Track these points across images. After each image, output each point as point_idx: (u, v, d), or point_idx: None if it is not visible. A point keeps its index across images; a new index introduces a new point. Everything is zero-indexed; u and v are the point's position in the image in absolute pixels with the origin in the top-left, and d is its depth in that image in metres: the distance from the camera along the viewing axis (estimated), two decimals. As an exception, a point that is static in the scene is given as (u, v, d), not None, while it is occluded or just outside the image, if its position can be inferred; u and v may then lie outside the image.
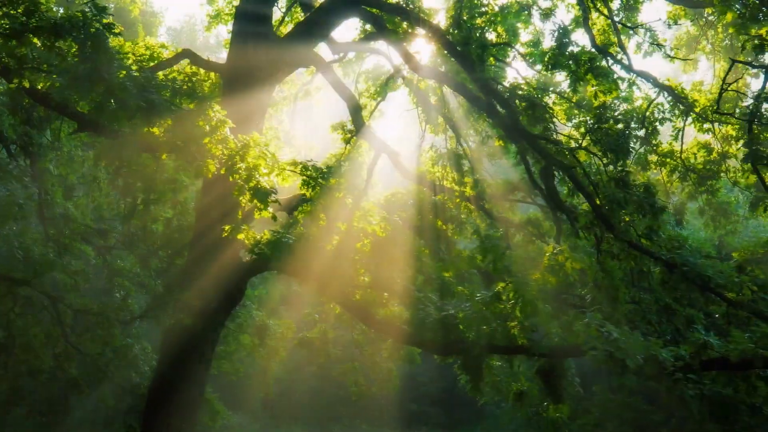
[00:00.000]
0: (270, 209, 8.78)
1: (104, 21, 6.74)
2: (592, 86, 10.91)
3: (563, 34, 11.22)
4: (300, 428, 25.72)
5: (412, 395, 28.35)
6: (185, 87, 9.97)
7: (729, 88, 11.03)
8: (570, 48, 11.04)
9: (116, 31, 6.93)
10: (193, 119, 8.40)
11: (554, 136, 11.58)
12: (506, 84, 13.47)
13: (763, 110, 8.72)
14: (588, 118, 10.39)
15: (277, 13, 17.01)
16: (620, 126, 9.94)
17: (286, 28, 16.32)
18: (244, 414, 25.76)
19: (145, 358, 18.75)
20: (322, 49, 17.66)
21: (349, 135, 15.04)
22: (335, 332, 18.27)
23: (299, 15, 16.35)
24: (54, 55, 7.01)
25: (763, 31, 8.26)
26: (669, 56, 13.79)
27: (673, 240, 10.43)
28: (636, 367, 6.98)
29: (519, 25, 14.56)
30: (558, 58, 10.94)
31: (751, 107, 8.86)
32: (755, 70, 12.13)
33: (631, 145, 15.41)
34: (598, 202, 10.37)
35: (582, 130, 10.62)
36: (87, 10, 6.81)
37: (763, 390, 7.75)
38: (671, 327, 11.25)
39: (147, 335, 21.31)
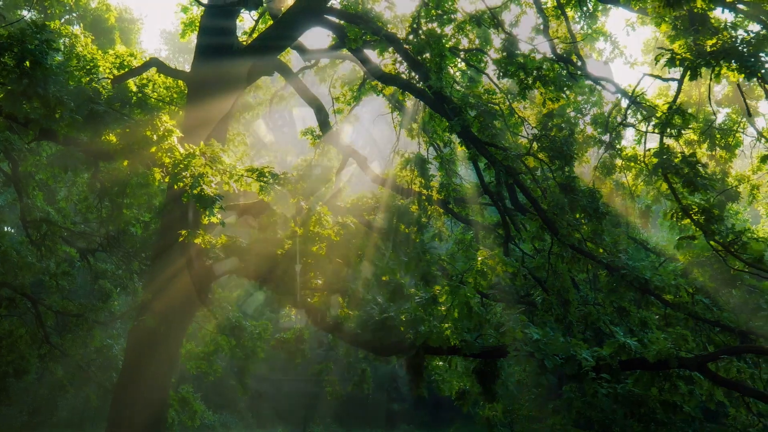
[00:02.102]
0: (218, 215, 9.12)
1: (43, 38, 7.09)
2: (541, 94, 11.21)
3: (510, 44, 11.52)
4: (282, 427, 26.06)
5: (394, 395, 28.67)
6: (135, 98, 10.31)
7: (638, 99, 11.35)
8: (519, 57, 11.34)
9: (57, 47, 7.27)
10: (143, 128, 8.77)
11: (508, 143, 11.89)
12: (480, 90, 13.78)
13: (673, 121, 9.01)
14: (534, 125, 10.70)
15: (250, 21, 17.40)
16: (564, 133, 10.23)
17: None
18: (229, 413, 26.12)
19: (125, 359, 19.10)
20: (294, 56, 18.05)
21: (317, 140, 15.38)
22: (311, 333, 18.59)
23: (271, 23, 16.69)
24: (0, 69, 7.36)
25: (675, 46, 8.54)
26: (629, 62, 14.10)
27: (617, 243, 10.73)
28: (554, 367, 7.29)
29: (492, 31, 14.85)
30: (507, 67, 11.25)
31: (662, 118, 9.15)
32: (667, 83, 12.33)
33: (592, 149, 15.79)
34: (545, 207, 10.69)
35: (530, 137, 10.93)
36: (27, 28, 7.16)
37: (683, 389, 8.05)
38: (625, 328, 11.57)
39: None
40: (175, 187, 8.57)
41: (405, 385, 29.01)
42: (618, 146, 15.52)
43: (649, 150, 15.29)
